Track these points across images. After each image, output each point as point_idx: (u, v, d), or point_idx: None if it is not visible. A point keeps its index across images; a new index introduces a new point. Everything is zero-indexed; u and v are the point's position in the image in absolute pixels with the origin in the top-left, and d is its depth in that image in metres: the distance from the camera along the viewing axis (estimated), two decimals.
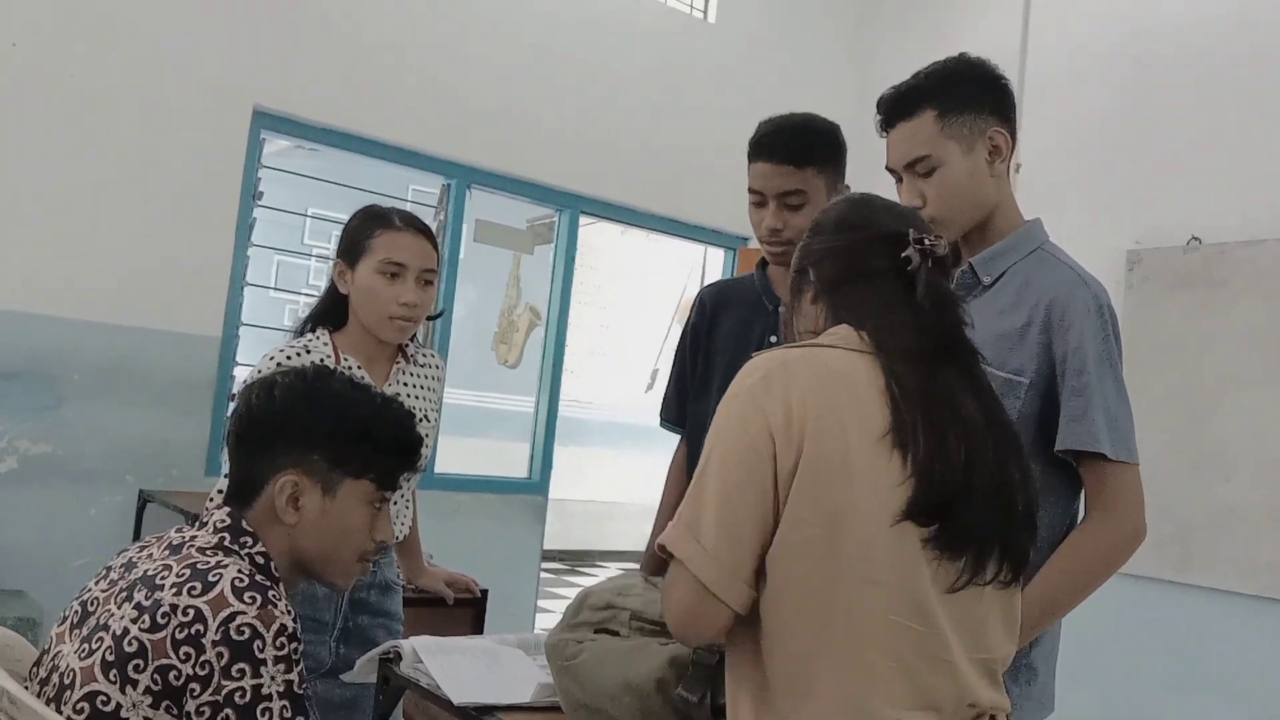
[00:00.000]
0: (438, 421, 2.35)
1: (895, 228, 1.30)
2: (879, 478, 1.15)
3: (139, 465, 3.91)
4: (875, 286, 1.29)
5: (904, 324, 1.24)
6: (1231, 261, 4.06)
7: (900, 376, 1.20)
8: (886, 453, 1.16)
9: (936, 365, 1.22)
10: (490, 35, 4.73)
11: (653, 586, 1.51)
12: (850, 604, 1.15)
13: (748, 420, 1.18)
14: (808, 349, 1.26)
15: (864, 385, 1.20)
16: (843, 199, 1.44)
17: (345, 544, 1.48)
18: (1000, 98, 1.71)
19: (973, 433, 1.20)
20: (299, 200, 5.30)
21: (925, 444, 1.16)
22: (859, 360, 1.22)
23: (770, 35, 5.65)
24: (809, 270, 1.36)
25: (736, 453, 1.18)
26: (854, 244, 1.32)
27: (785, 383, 1.19)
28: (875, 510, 1.15)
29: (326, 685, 2.03)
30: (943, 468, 1.16)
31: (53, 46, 3.76)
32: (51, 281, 3.76)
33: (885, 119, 1.73)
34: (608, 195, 5.18)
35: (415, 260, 2.07)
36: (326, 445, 1.45)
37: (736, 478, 1.17)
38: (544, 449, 5.10)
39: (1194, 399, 4.04)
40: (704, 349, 2.16)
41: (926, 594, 1.16)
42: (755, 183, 1.99)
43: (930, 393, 1.19)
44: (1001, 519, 1.20)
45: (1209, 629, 3.95)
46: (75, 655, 1.29)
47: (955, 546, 1.17)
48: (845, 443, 1.16)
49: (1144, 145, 4.41)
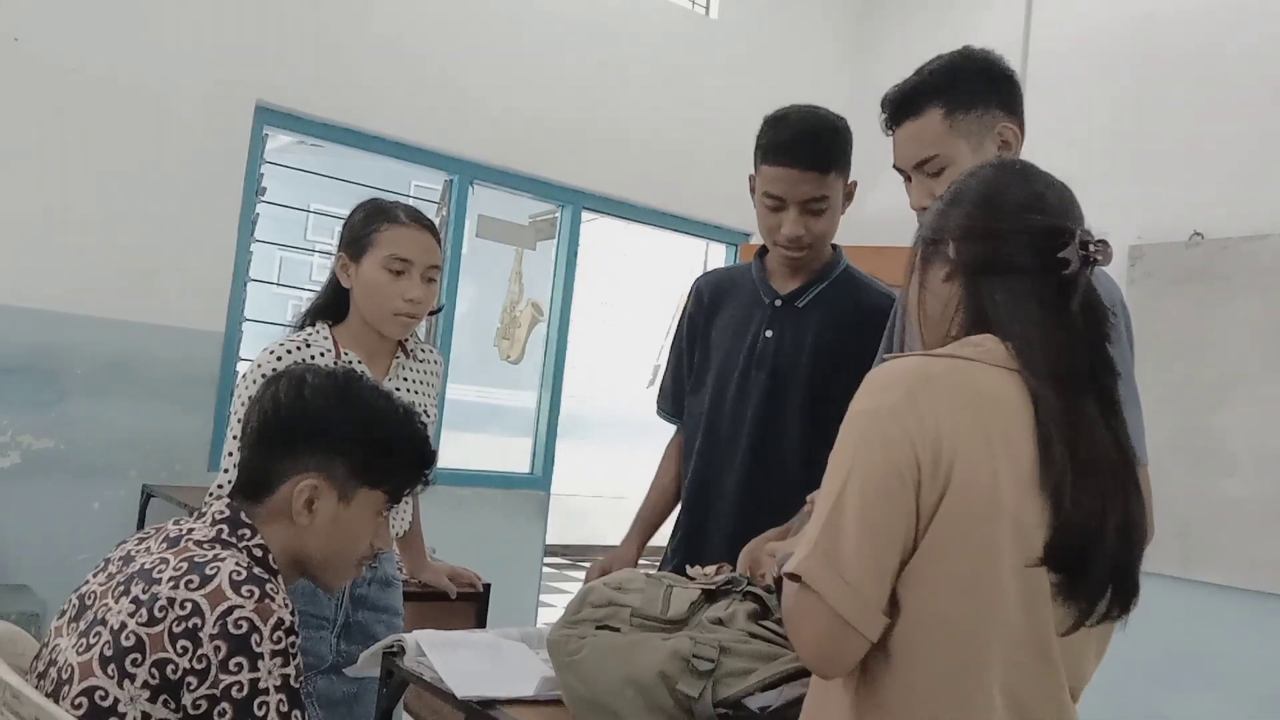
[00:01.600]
0: (437, 417, 2.36)
1: (1057, 222, 1.18)
2: (1022, 516, 1.10)
3: (142, 460, 3.92)
4: (1025, 285, 1.17)
5: (1054, 340, 1.15)
6: (1234, 257, 4.05)
7: (1049, 408, 1.12)
8: (1032, 493, 1.10)
9: (1081, 391, 1.14)
10: (493, 31, 4.72)
11: (654, 583, 1.51)
12: (981, 642, 1.11)
13: (892, 445, 1.10)
14: (952, 362, 1.15)
15: (1012, 412, 1.12)
16: (997, 166, 1.30)
17: (349, 550, 1.49)
18: (1008, 91, 1.68)
19: (1108, 471, 1.13)
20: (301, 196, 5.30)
21: (1070, 488, 1.10)
22: (1007, 382, 1.14)
23: (772, 30, 5.64)
24: (948, 243, 1.23)
25: (880, 479, 1.09)
26: (1006, 231, 1.19)
27: (933, 404, 1.11)
28: (1014, 550, 1.10)
29: (327, 681, 2.04)
30: (1082, 514, 1.10)
31: (55, 41, 3.76)
32: (54, 276, 3.76)
33: (891, 118, 1.70)
34: (610, 191, 5.18)
35: (421, 256, 2.07)
36: (351, 454, 1.44)
37: (881, 509, 1.09)
38: (546, 444, 5.10)
39: (1196, 394, 4.04)
40: (701, 340, 2.15)
41: (1049, 635, 1.13)
42: (775, 188, 1.92)
43: (1076, 426, 1.12)
44: (1125, 560, 1.14)
45: (1210, 624, 3.95)
46: (73, 650, 1.28)
47: (1079, 595, 1.12)
48: (994, 478, 1.09)
49: (1146, 140, 4.40)
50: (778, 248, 2.00)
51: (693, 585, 1.51)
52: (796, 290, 2.06)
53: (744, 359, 2.05)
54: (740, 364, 2.05)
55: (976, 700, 1.11)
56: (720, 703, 1.35)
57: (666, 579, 1.52)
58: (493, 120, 4.73)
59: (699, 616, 1.45)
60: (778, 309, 2.05)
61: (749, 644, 1.39)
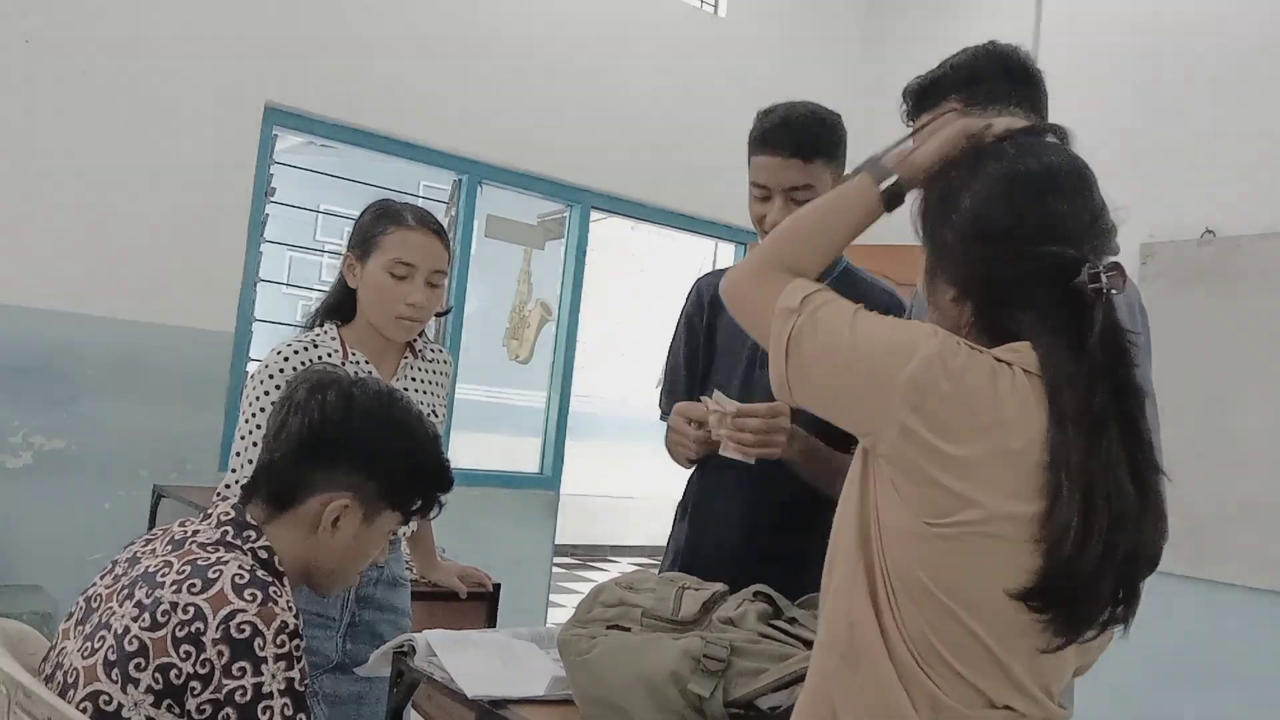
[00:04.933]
0: (446, 417, 2.35)
1: (1073, 254, 1.10)
2: (1014, 547, 1.06)
3: (153, 460, 3.93)
4: (1039, 317, 1.10)
5: (1074, 375, 1.07)
6: (1246, 254, 4.03)
7: (1066, 448, 1.05)
8: (1030, 532, 1.05)
9: (1103, 424, 1.07)
10: (501, 31, 4.73)
11: (666, 583, 1.51)
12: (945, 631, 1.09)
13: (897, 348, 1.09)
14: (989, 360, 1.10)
15: (1024, 437, 1.07)
16: (1009, 173, 1.15)
17: (358, 564, 1.49)
18: (1031, 90, 1.66)
19: (1122, 504, 1.06)
20: (311, 196, 5.31)
21: (1071, 538, 1.04)
22: (1034, 403, 1.08)
23: (780, 28, 5.63)
24: (949, 269, 1.17)
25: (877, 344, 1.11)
26: (1014, 261, 1.11)
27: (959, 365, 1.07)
28: (999, 581, 1.06)
29: (334, 681, 2.03)
30: (1077, 564, 1.04)
31: (65, 43, 3.77)
32: (65, 277, 3.78)
33: (911, 109, 1.69)
34: (618, 190, 5.18)
35: (425, 261, 2.05)
36: (386, 478, 1.44)
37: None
38: (556, 444, 5.10)
39: (1208, 393, 4.02)
40: (705, 341, 2.13)
41: (1018, 649, 1.09)
42: (760, 176, 1.93)
43: (1090, 468, 1.05)
44: (1129, 581, 1.09)
45: (1222, 624, 3.93)
46: (78, 654, 1.28)
47: (1068, 630, 1.08)
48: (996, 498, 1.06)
49: (1157, 137, 4.38)
50: None
51: (704, 587, 1.51)
52: None
53: (746, 359, 2.04)
54: (743, 364, 2.04)
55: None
56: (731, 703, 1.35)
57: (679, 579, 1.52)
58: (501, 120, 4.74)
59: (710, 617, 1.45)
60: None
61: (760, 644, 1.39)
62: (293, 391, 1.47)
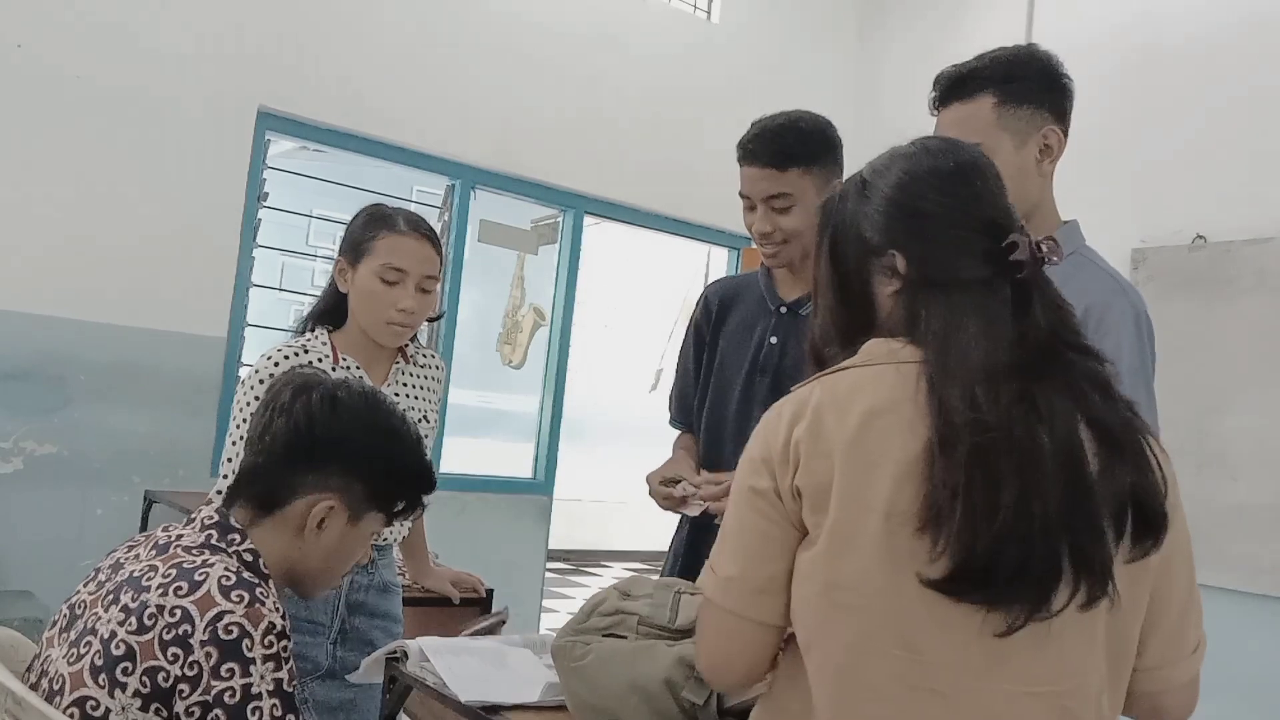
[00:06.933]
0: (439, 423, 2.35)
1: (1004, 223, 1.10)
2: (905, 547, 1.02)
3: (145, 466, 3.92)
4: (972, 298, 1.08)
5: (998, 340, 1.05)
6: (1237, 260, 4.05)
7: (954, 408, 1.02)
8: (914, 527, 1.02)
9: (1033, 380, 1.04)
10: (494, 35, 4.73)
11: (664, 589, 1.51)
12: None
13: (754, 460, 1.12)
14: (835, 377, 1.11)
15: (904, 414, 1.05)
16: (917, 154, 1.17)
17: (342, 566, 1.49)
18: (1061, 98, 1.68)
19: (1041, 461, 1.01)
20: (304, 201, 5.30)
21: (963, 514, 0.99)
22: (903, 382, 1.05)
23: (774, 34, 5.64)
24: (895, 256, 1.14)
25: (743, 486, 1.14)
26: (956, 240, 1.11)
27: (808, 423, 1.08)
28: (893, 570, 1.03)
29: (324, 687, 2.03)
30: (983, 537, 0.99)
31: (58, 47, 3.76)
32: (57, 282, 3.77)
33: (941, 96, 1.70)
34: (611, 195, 5.18)
35: (416, 266, 2.05)
36: (372, 480, 1.45)
37: (747, 515, 1.13)
38: (549, 449, 5.10)
39: (1200, 398, 4.03)
40: (709, 348, 2.16)
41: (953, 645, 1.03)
42: (743, 187, 1.99)
43: (992, 424, 1.01)
44: (1076, 542, 1.02)
45: (1215, 629, 3.91)
46: (64, 660, 1.28)
47: (1005, 602, 1.01)
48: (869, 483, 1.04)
49: (1149, 142, 4.40)
50: (757, 246, 2.03)
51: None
52: (801, 297, 2.07)
53: (748, 365, 2.06)
54: (745, 370, 2.06)
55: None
56: (725, 710, 1.34)
57: (676, 584, 1.52)
58: (494, 125, 4.74)
59: None
60: (782, 316, 2.06)
61: None
62: (276, 394, 1.46)
